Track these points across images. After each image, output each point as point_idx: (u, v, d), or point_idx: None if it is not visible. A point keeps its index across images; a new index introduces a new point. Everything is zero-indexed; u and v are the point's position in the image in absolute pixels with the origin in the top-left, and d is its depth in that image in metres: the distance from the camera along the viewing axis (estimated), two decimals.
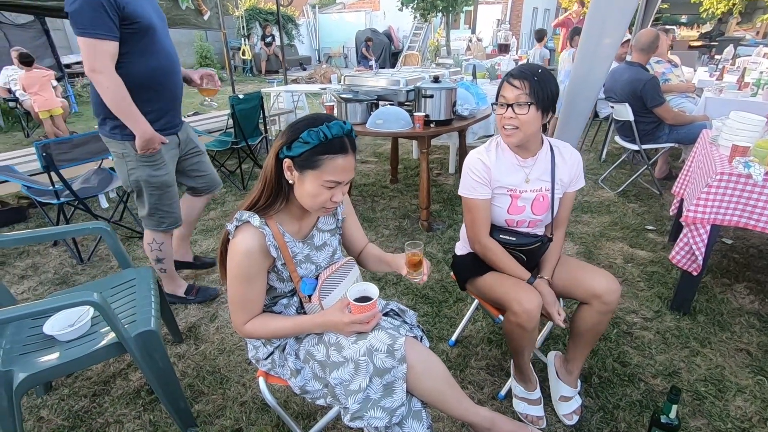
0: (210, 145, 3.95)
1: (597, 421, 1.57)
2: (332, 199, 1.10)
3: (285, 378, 1.23)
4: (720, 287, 2.35)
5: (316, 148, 1.04)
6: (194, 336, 2.05)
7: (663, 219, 3.18)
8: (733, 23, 15.66)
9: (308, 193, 1.09)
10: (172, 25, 5.81)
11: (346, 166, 1.08)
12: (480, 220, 1.52)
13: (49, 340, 1.42)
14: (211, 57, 12.24)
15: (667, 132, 3.44)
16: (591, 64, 1.86)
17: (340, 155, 1.06)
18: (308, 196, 1.09)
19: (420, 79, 2.97)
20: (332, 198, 1.10)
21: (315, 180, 1.06)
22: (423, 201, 3.01)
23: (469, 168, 1.51)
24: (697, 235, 1.93)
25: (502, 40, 7.71)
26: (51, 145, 2.41)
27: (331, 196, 1.09)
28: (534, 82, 1.32)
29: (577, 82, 1.94)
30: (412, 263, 1.20)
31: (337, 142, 1.06)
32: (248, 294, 1.15)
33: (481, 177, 1.48)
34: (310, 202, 1.10)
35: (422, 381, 1.09)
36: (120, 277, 1.70)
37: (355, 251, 1.43)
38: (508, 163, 1.49)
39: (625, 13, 1.72)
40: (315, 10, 16.43)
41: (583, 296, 1.47)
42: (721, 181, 1.85)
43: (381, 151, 5.20)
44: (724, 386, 1.71)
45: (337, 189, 1.10)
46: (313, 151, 1.04)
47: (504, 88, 1.37)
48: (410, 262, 1.20)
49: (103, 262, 2.74)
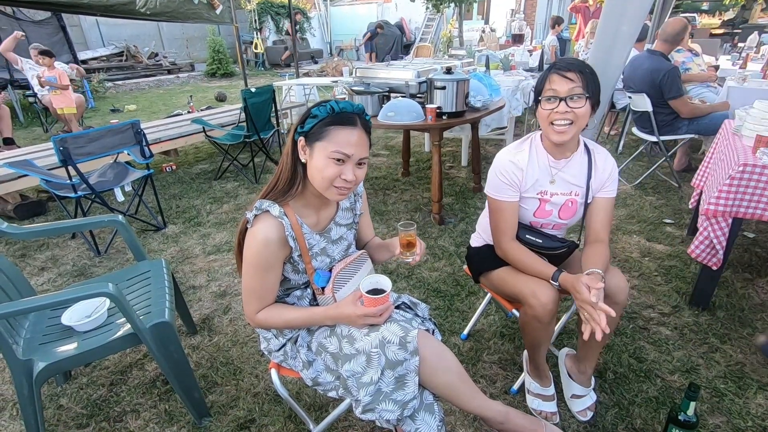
0: (222, 139, 3.99)
1: (612, 417, 1.54)
2: (342, 176, 1.07)
3: (297, 370, 1.24)
4: (741, 282, 2.28)
5: (325, 120, 1.06)
6: (208, 327, 2.08)
7: (681, 212, 3.10)
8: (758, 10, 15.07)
9: (317, 168, 1.08)
10: (185, 20, 5.87)
11: (353, 140, 1.07)
12: (505, 223, 1.45)
13: (67, 330, 1.45)
14: (223, 51, 12.27)
15: (687, 123, 3.34)
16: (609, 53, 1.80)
17: (347, 127, 1.06)
18: (317, 171, 1.08)
19: (432, 71, 2.93)
20: (342, 175, 1.07)
21: (322, 152, 1.06)
22: (435, 194, 2.99)
23: (498, 169, 1.44)
24: (718, 228, 1.87)
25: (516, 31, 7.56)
26: (68, 139, 2.45)
27: (339, 173, 1.07)
28: (587, 74, 1.27)
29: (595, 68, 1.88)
30: (404, 243, 1.21)
31: (345, 116, 1.07)
32: (264, 283, 1.15)
33: (509, 180, 1.42)
34: (320, 180, 1.09)
35: (435, 374, 1.08)
36: (135, 269, 1.72)
37: (360, 246, 1.43)
38: (541, 165, 1.43)
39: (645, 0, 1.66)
40: (326, 3, 16.35)
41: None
42: (744, 172, 1.79)
43: (393, 144, 5.18)
44: (745, 383, 1.67)
45: (346, 166, 1.07)
46: (322, 123, 1.06)
47: (553, 81, 1.29)
48: (402, 242, 1.21)
49: (119, 255, 2.79)
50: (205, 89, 10.27)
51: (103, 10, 5.06)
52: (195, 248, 2.83)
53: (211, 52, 12.19)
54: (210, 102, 7.91)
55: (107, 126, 2.65)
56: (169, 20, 5.81)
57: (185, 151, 5.03)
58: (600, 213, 1.45)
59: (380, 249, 1.36)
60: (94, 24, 11.11)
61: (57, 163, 3.10)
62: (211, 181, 4.04)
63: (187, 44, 13.53)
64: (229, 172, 4.23)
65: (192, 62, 13.08)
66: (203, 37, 12.98)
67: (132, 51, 11.59)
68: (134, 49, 11.65)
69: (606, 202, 1.45)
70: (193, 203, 3.54)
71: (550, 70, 1.33)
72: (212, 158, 4.79)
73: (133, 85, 10.66)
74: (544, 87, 1.32)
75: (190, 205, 3.50)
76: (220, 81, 11.77)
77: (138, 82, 10.88)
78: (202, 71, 12.56)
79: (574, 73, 1.26)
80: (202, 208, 3.45)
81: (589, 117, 1.32)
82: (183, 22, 6.10)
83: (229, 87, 10.29)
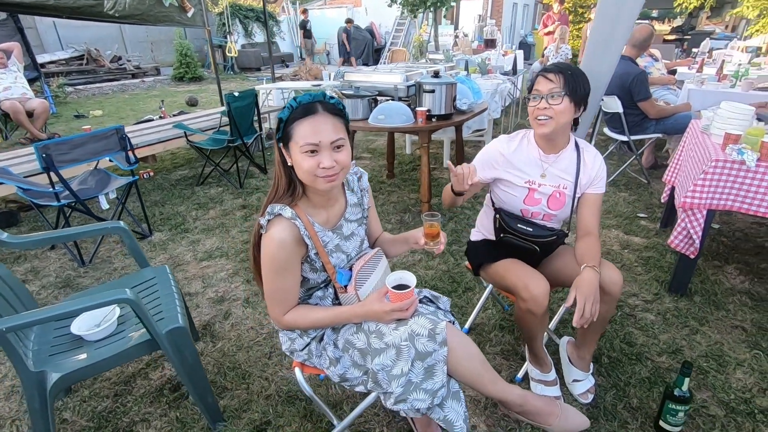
0: (204, 144, 3.92)
1: (611, 398, 1.65)
2: (320, 165, 1.08)
3: (323, 368, 1.26)
4: (712, 269, 2.47)
5: (288, 120, 1.09)
6: (210, 334, 2.06)
7: (653, 206, 3.31)
8: (704, 17, 16.21)
9: (297, 165, 1.12)
10: (156, 23, 5.72)
11: (317, 127, 1.08)
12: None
13: (76, 340, 1.42)
14: (191, 55, 11.98)
15: (654, 123, 3.58)
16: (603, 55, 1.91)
17: (307, 117, 1.08)
18: (298, 168, 1.12)
19: (418, 75, 3.01)
20: (320, 164, 1.08)
21: (295, 149, 1.10)
22: (424, 194, 3.07)
23: (485, 150, 1.63)
24: (694, 220, 2.03)
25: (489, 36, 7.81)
26: (51, 146, 2.36)
27: (317, 162, 1.08)
28: (568, 75, 1.40)
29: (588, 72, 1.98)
30: (431, 234, 1.25)
31: (303, 108, 1.09)
32: (285, 284, 1.18)
33: (488, 160, 1.60)
34: (303, 176, 1.12)
35: (461, 363, 1.13)
36: (140, 276, 1.69)
37: (370, 241, 1.45)
38: (529, 156, 1.55)
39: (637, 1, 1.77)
40: (296, 7, 16.26)
41: None
42: (716, 167, 1.96)
43: (374, 147, 5.23)
44: (724, 361, 1.82)
45: (321, 154, 1.08)
46: (288, 123, 1.10)
47: (538, 82, 1.45)
48: (429, 233, 1.25)
49: (105, 264, 2.70)
50: (174, 93, 9.98)
51: (69, 12, 4.86)
52: (185, 255, 2.78)
53: (178, 55, 11.86)
54: (181, 107, 7.71)
55: (91, 132, 2.57)
56: (139, 23, 5.64)
57: (161, 158, 4.90)
58: (590, 208, 1.57)
59: (395, 243, 1.41)
60: (51, 26, 10.59)
61: (33, 171, 2.98)
62: (193, 187, 3.96)
63: (152, 47, 13.11)
64: (212, 177, 4.16)
65: (158, 66, 12.68)
66: (169, 41, 12.63)
67: (93, 54, 11.12)
68: (96, 53, 11.19)
69: (595, 198, 1.57)
70: (178, 210, 3.47)
71: (539, 72, 1.49)
72: (191, 164, 4.69)
73: (95, 90, 10.23)
74: (533, 87, 1.48)
75: (175, 212, 3.42)
76: (188, 85, 11.47)
77: (101, 86, 10.45)
78: (169, 75, 12.20)
79: (554, 74, 1.41)
80: (188, 214, 3.39)
81: (571, 114, 1.45)
82: (154, 25, 5.94)
83: (199, 91, 10.05)
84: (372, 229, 1.44)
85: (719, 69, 4.28)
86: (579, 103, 1.44)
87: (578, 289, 1.35)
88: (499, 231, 1.63)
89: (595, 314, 1.33)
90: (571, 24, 11.00)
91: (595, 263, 1.42)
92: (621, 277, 1.47)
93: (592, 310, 1.31)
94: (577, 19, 12.20)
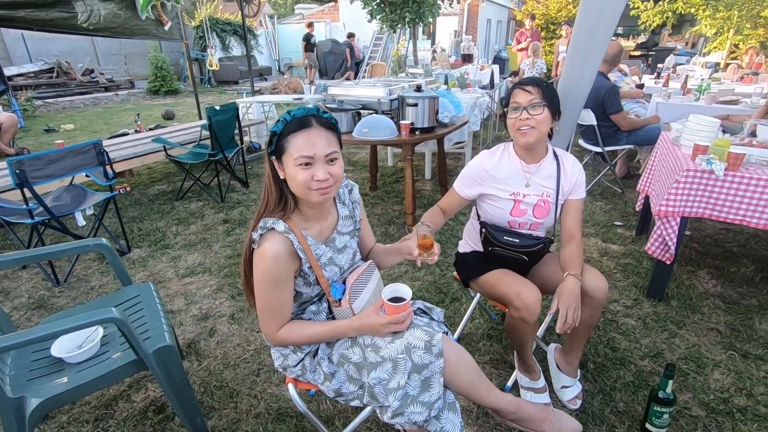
0: (184, 158, 3.85)
1: (598, 403, 1.68)
2: (314, 178, 1.09)
3: (317, 383, 1.25)
4: (686, 274, 2.57)
5: (282, 133, 1.10)
6: (195, 352, 2.00)
7: (628, 215, 3.43)
8: (666, 34, 17.10)
9: (291, 178, 1.12)
10: (132, 36, 5.64)
11: (311, 140, 1.09)
12: (445, 205, 1.71)
13: (57, 363, 1.36)
14: (166, 68, 11.82)
15: (626, 135, 3.73)
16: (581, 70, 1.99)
17: (302, 130, 1.09)
18: (292, 181, 1.12)
19: (401, 89, 3.06)
20: (314, 177, 1.09)
21: (289, 162, 1.10)
22: (408, 206, 3.09)
23: (468, 167, 1.67)
24: (669, 227, 2.12)
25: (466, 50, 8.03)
26: (25, 161, 2.28)
27: (311, 175, 1.09)
28: (544, 87, 1.46)
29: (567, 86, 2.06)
30: (425, 246, 1.26)
31: (297, 121, 1.10)
32: (279, 299, 1.17)
33: (472, 177, 1.64)
34: (297, 188, 1.12)
35: (458, 374, 1.14)
36: (123, 294, 1.64)
37: (364, 252, 1.45)
38: (512, 168, 1.60)
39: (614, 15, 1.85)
40: (274, 20, 16.30)
41: None
42: (687, 177, 2.06)
43: (356, 159, 5.25)
44: (702, 362, 1.89)
45: (315, 166, 1.09)
46: (281, 136, 1.10)
47: (516, 94, 1.49)
48: (422, 244, 1.26)
49: (81, 283, 2.61)
50: (149, 107, 9.81)
51: (40, 25, 4.73)
52: (167, 272, 2.71)
53: (153, 68, 11.69)
54: (157, 120, 7.58)
55: (69, 146, 2.49)
56: (114, 36, 5.54)
57: (138, 172, 4.79)
58: (573, 213, 1.63)
59: (389, 254, 1.42)
60: (20, 38, 10.29)
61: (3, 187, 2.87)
62: (172, 202, 3.88)
63: (125, 60, 12.87)
64: (192, 191, 4.08)
65: (131, 79, 12.45)
66: (144, 53, 12.43)
67: (64, 67, 10.83)
68: (66, 65, 10.90)
69: (577, 203, 1.64)
70: (157, 225, 3.39)
71: (515, 86, 1.54)
72: (169, 178, 4.60)
73: (66, 103, 9.95)
74: (510, 100, 1.53)
75: (154, 228, 3.34)
76: (164, 98, 11.30)
77: (72, 99, 10.17)
78: (144, 88, 11.99)
79: (532, 86, 1.48)
80: (167, 230, 3.31)
81: (550, 123, 1.51)
82: (130, 38, 5.85)
83: (175, 104, 9.91)
84: (365, 240, 1.45)
85: (683, 83, 4.51)
86: (554, 113, 1.51)
87: (560, 297, 1.43)
88: (486, 244, 1.66)
89: (577, 320, 1.41)
90: (543, 40, 11.42)
91: (577, 271, 1.49)
92: (606, 283, 1.52)
93: (573, 316, 1.39)
94: (549, 35, 12.66)
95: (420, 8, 8.15)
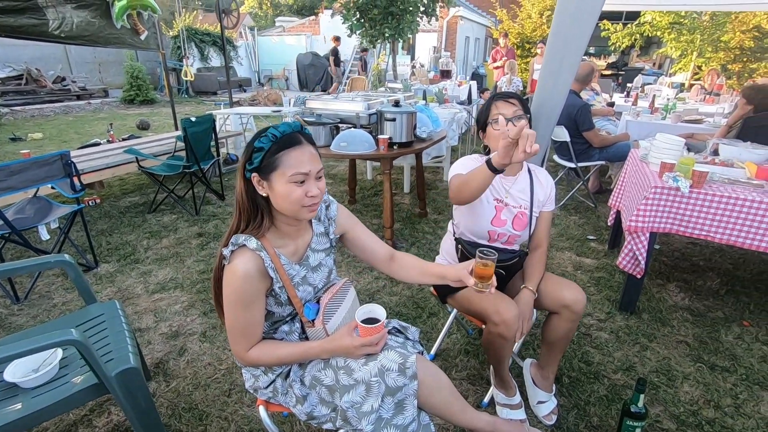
0: (157, 170, 3.76)
1: (573, 418, 1.69)
2: (308, 194, 1.09)
3: (288, 406, 1.21)
4: (656, 288, 2.64)
5: (271, 149, 1.07)
6: (163, 372, 1.93)
7: (601, 229, 3.52)
8: (634, 55, 17.90)
9: (282, 196, 1.09)
10: (106, 44, 5.51)
11: (305, 157, 1.09)
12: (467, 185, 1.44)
13: (10, 388, 1.28)
14: (143, 77, 11.60)
15: (598, 151, 3.85)
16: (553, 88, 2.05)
17: (294, 147, 1.08)
18: (283, 199, 1.09)
19: (379, 103, 3.08)
20: (308, 194, 1.09)
21: (281, 179, 1.08)
22: (387, 220, 3.09)
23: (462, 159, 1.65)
24: (639, 242, 2.17)
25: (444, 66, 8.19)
26: None
27: (305, 192, 1.08)
28: (523, 100, 1.53)
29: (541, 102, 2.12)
30: (484, 276, 1.07)
31: (288, 138, 1.09)
32: (249, 319, 1.13)
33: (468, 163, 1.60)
34: (289, 206, 1.10)
35: (432, 395, 1.13)
36: (86, 314, 1.57)
37: (379, 260, 1.35)
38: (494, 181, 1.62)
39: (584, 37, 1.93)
40: (254, 32, 16.28)
41: (553, 306, 1.58)
42: (655, 193, 2.12)
43: (335, 172, 5.24)
44: (673, 375, 1.93)
45: (308, 183, 1.09)
46: (269, 153, 1.07)
47: (499, 106, 1.54)
48: (481, 274, 1.08)
49: (43, 300, 2.49)
50: (123, 117, 9.58)
51: (9, 31, 4.58)
52: (136, 287, 2.61)
53: (128, 77, 11.45)
54: (131, 130, 7.40)
55: (32, 157, 2.40)
56: (87, 44, 5.40)
57: (109, 183, 4.65)
58: (544, 223, 1.70)
59: (424, 276, 1.31)
60: None
61: None
62: (144, 215, 3.76)
63: (99, 69, 12.59)
64: (165, 204, 3.98)
65: (105, 88, 12.17)
66: (119, 62, 12.20)
67: (34, 74, 10.50)
68: (36, 73, 10.58)
69: (548, 214, 1.71)
70: (127, 239, 3.28)
71: (493, 99, 1.58)
72: (142, 190, 4.48)
73: (35, 111, 9.63)
74: (491, 113, 1.56)
75: (124, 242, 3.23)
76: (139, 108, 11.06)
77: (41, 107, 9.85)
78: (118, 98, 11.73)
79: (514, 99, 1.55)
80: (138, 243, 3.21)
81: None
82: (104, 47, 5.72)
83: (151, 114, 9.72)
84: (372, 249, 1.35)
85: (651, 102, 4.70)
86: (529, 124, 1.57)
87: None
88: (462, 260, 1.66)
89: (527, 330, 1.50)
90: (519, 58, 11.77)
91: (533, 285, 1.57)
92: (584, 296, 1.55)
93: (524, 327, 1.48)
94: (524, 53, 13.07)
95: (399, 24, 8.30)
